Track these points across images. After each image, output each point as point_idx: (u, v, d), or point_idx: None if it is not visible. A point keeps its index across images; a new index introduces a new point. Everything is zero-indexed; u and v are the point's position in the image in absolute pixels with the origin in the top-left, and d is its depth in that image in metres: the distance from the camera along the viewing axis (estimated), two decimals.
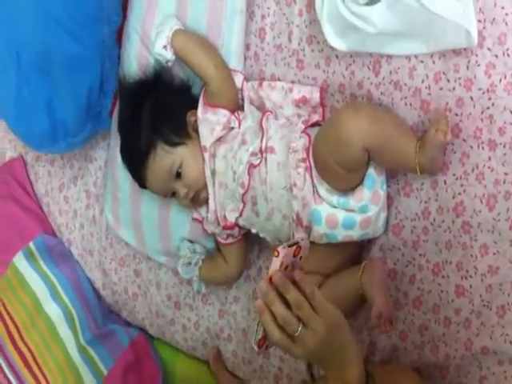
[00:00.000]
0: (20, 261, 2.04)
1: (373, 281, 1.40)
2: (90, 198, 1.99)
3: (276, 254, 1.14)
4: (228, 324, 1.80)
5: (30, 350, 1.96)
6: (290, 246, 1.16)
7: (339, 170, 1.36)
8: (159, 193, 1.59)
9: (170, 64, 1.56)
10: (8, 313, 2.01)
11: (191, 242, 1.71)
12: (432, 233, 1.39)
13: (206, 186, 1.54)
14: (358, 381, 1.17)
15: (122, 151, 1.62)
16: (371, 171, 1.39)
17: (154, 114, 1.53)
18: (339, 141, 1.32)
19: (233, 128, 1.53)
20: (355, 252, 1.51)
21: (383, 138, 1.32)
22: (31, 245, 2.06)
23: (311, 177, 1.42)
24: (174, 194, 1.58)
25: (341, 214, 1.41)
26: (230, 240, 1.62)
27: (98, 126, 1.79)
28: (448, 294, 1.39)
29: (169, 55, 1.54)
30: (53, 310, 1.98)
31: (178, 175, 1.53)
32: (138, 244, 1.84)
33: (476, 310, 1.35)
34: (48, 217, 2.13)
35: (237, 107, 1.56)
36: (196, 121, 1.54)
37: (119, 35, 1.73)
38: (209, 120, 1.52)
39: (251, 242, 1.67)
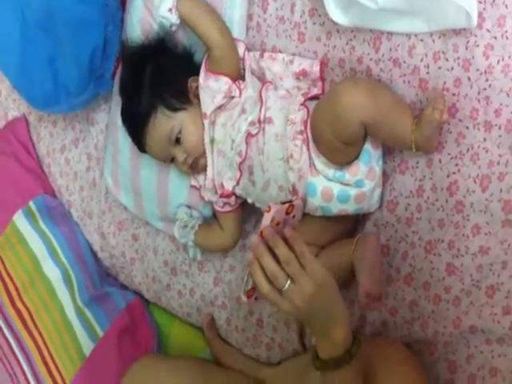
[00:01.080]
0: (20, 219, 2.07)
1: (364, 257, 1.43)
2: (91, 160, 2.01)
3: (267, 209, 1.19)
4: (222, 292, 1.83)
5: (28, 311, 1.99)
6: (282, 204, 1.20)
7: (336, 143, 1.38)
8: (158, 157, 1.62)
9: (173, 28, 1.58)
10: (7, 272, 2.04)
11: (189, 207, 1.73)
12: (425, 211, 1.42)
13: (204, 153, 1.56)
14: (344, 340, 1.21)
15: (122, 114, 1.65)
16: (368, 146, 1.41)
17: (155, 78, 1.55)
18: (337, 114, 1.34)
19: (233, 97, 1.55)
20: (350, 225, 1.54)
21: (380, 113, 1.34)
22: (31, 204, 2.09)
23: (308, 149, 1.44)
24: (172, 160, 1.60)
25: (336, 188, 1.43)
26: (227, 208, 1.65)
27: (100, 88, 1.82)
28: (439, 272, 1.42)
29: (174, 18, 1.55)
30: (51, 271, 2.01)
31: (178, 141, 1.55)
32: (136, 209, 1.87)
33: (466, 289, 1.38)
34: (48, 178, 2.15)
35: (238, 76, 1.57)
36: (197, 87, 1.55)
37: (123, 1, 1.74)
38: (210, 87, 1.54)
39: (248, 213, 1.70)
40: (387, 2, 1.30)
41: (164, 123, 1.54)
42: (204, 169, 1.59)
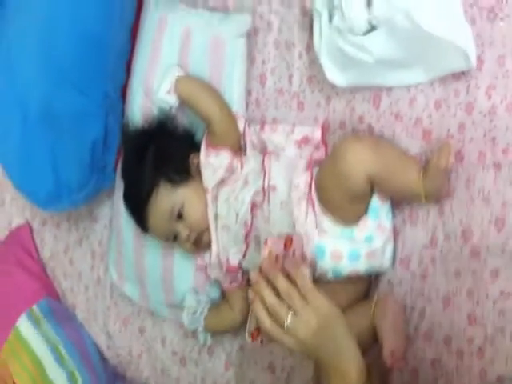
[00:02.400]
0: (23, 324, 1.95)
1: (385, 316, 1.35)
2: (95, 258, 1.93)
3: (265, 242, 1.14)
4: (235, 376, 1.71)
5: None
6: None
7: (343, 202, 1.32)
8: (161, 235, 1.54)
9: (173, 111, 1.54)
10: (13, 381, 1.91)
11: (196, 292, 1.63)
12: (440, 262, 1.33)
13: (208, 228, 1.49)
14: (357, 377, 1.11)
15: (125, 194, 1.59)
16: (375, 201, 1.35)
17: (157, 156, 1.49)
18: (342, 172, 1.29)
19: (235, 170, 1.48)
20: (363, 288, 1.45)
21: (386, 167, 1.29)
22: (35, 308, 1.98)
23: (314, 211, 1.37)
24: (175, 238, 1.52)
25: (345, 247, 1.36)
26: (234, 285, 1.57)
27: (102, 182, 1.76)
28: (460, 324, 1.31)
29: (172, 100, 1.52)
30: (57, 376, 1.87)
31: (180, 216, 1.48)
32: (141, 299, 1.78)
33: (489, 338, 1.27)
34: (53, 281, 2.06)
35: (239, 150, 1.52)
36: (199, 163, 1.49)
37: (123, 92, 1.70)
38: (211, 163, 1.49)
39: None
40: (383, 53, 1.28)
41: (166, 198, 1.47)
42: (207, 245, 1.52)
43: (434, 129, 1.30)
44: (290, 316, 1.09)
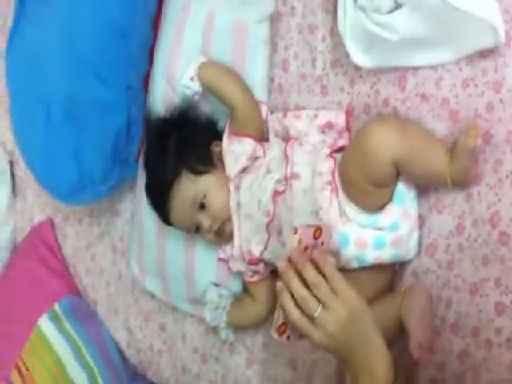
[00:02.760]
0: (45, 323, 1.96)
1: (413, 308, 1.30)
2: (116, 253, 1.92)
3: (294, 231, 1.09)
4: (256, 373, 1.67)
5: None
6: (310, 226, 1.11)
7: (367, 187, 1.28)
8: (183, 226, 1.51)
9: (196, 97, 1.53)
10: (33, 380, 1.92)
11: (217, 286, 1.60)
12: (467, 249, 1.28)
13: (230, 218, 1.47)
14: (386, 375, 1.06)
15: (146, 185, 1.56)
16: (400, 187, 1.30)
17: (179, 145, 1.47)
18: (367, 155, 1.25)
19: (258, 157, 1.46)
20: (388, 278, 1.40)
21: (412, 150, 1.24)
22: (56, 306, 1.98)
23: (337, 198, 1.34)
24: (198, 230, 1.49)
25: (370, 234, 1.32)
26: (257, 278, 1.53)
27: (125, 173, 1.74)
28: (488, 314, 1.26)
29: (196, 86, 1.50)
30: (78, 375, 1.87)
31: (202, 206, 1.46)
32: (163, 294, 1.76)
33: None
34: (74, 277, 2.06)
35: (262, 137, 1.50)
36: (221, 152, 1.48)
37: (146, 83, 1.69)
38: (234, 150, 1.47)
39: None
40: (408, 31, 1.24)
41: (188, 188, 1.45)
42: (230, 236, 1.49)
43: (462, 109, 1.26)
44: (319, 308, 1.06)
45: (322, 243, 1.15)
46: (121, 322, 1.94)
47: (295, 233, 1.11)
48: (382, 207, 1.32)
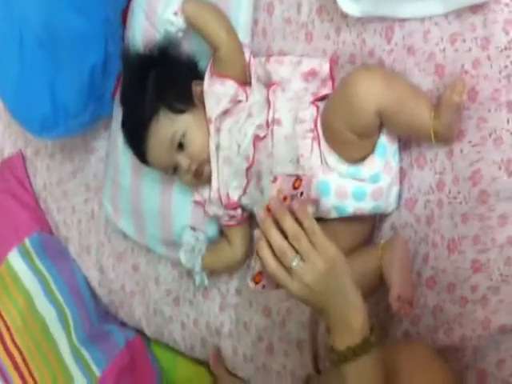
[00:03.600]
0: (14, 258, 2.00)
1: (394, 260, 1.35)
2: (90, 191, 1.96)
3: (273, 180, 1.12)
4: (229, 318, 1.74)
5: (20, 353, 1.92)
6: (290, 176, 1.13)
7: (350, 136, 1.32)
8: (160, 166, 1.54)
9: (180, 34, 1.53)
10: (0, 314, 1.96)
11: (194, 229, 1.65)
12: (447, 206, 1.34)
13: (209, 159, 1.49)
14: (362, 327, 1.11)
15: (123, 122, 1.58)
16: (383, 139, 1.35)
17: (158, 81, 1.49)
18: (351, 104, 1.28)
19: (240, 101, 1.49)
20: (367, 231, 1.46)
21: (397, 101, 1.28)
22: (27, 241, 2.02)
23: (319, 146, 1.38)
24: (175, 170, 1.52)
25: (351, 184, 1.36)
26: (233, 222, 1.58)
27: (100, 109, 1.76)
28: (464, 271, 1.32)
29: (180, 22, 1.50)
30: (46, 310, 1.94)
31: (181, 146, 1.48)
32: (137, 234, 1.80)
33: (494, 286, 1.29)
34: (46, 214, 2.09)
35: (245, 80, 1.52)
36: (202, 91, 1.50)
37: (124, 17, 1.70)
38: (215, 91, 1.49)
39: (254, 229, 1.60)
40: None
41: (167, 126, 1.47)
42: (208, 178, 1.52)
43: (448, 64, 1.30)
44: (296, 259, 1.09)
45: (302, 194, 1.17)
46: (93, 261, 1.99)
47: (274, 181, 1.13)
48: (363, 158, 1.37)
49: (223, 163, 1.49)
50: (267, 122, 1.43)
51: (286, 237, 1.10)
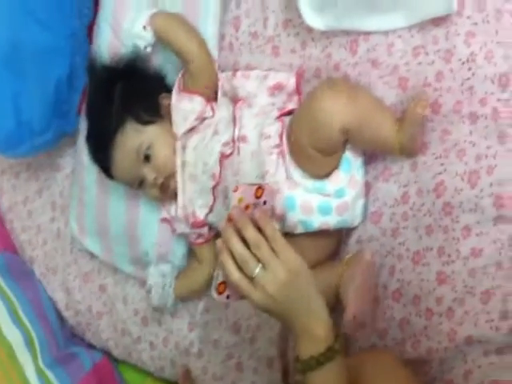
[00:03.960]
0: None
1: (354, 277, 1.39)
2: (56, 210, 1.97)
3: (235, 189, 1.14)
4: (198, 337, 1.76)
5: None
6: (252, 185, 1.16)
7: (315, 154, 1.36)
8: (126, 180, 1.56)
9: (148, 50, 1.56)
10: None
11: (156, 265, 1.69)
12: (412, 218, 1.38)
13: (175, 173, 1.52)
14: (325, 336, 1.13)
15: (88, 135, 1.61)
16: (348, 154, 1.39)
17: (125, 93, 1.52)
18: (316, 122, 1.33)
19: (206, 118, 1.53)
20: (333, 246, 1.50)
21: (362, 116, 1.33)
22: None
23: (284, 162, 1.41)
24: (141, 185, 1.55)
25: (316, 199, 1.40)
26: (201, 240, 1.60)
27: (65, 126, 1.79)
28: (429, 283, 1.37)
29: (149, 36, 1.53)
30: (12, 334, 1.91)
31: (147, 159, 1.51)
32: (103, 253, 1.82)
33: (459, 298, 1.33)
34: (11, 234, 2.10)
35: (213, 95, 1.55)
36: (169, 105, 1.53)
37: (90, 32, 1.74)
38: (182, 108, 1.52)
39: None
40: None
41: (133, 137, 1.50)
42: (175, 194, 1.55)
43: (411, 77, 1.35)
44: (258, 268, 1.10)
45: (265, 202, 1.19)
46: (59, 282, 2.00)
47: (235, 190, 1.16)
48: (328, 174, 1.41)
49: (189, 180, 1.53)
50: (233, 139, 1.46)
51: (248, 246, 1.13)
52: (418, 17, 1.31)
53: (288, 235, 1.39)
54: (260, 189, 1.17)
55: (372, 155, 1.42)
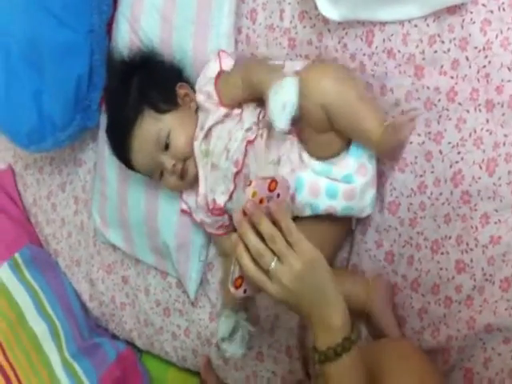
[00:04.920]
0: (5, 272, 1.99)
1: (381, 304, 1.41)
2: (78, 203, 1.97)
3: (249, 183, 1.13)
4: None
5: (12, 368, 1.90)
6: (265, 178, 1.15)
7: (310, 131, 1.36)
8: (145, 168, 1.55)
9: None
10: None
11: (228, 315, 1.58)
12: (429, 208, 1.36)
13: (194, 159, 1.51)
14: (342, 326, 1.11)
15: (108, 127, 1.60)
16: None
17: (142, 84, 1.51)
18: (303, 98, 1.31)
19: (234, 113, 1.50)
20: (342, 233, 1.48)
21: (342, 101, 1.32)
22: (17, 256, 2.02)
23: (298, 145, 1.41)
24: (161, 176, 1.54)
25: (323, 182, 1.39)
26: (222, 231, 1.58)
27: (87, 120, 1.78)
28: (448, 272, 1.34)
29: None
30: (37, 324, 1.93)
31: (166, 147, 1.49)
32: (125, 244, 1.82)
33: (478, 286, 1.31)
34: (35, 228, 2.11)
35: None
36: (186, 94, 1.52)
37: (109, 28, 1.72)
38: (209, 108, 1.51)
39: None
40: None
41: (151, 126, 1.49)
42: (194, 179, 1.53)
43: (427, 65, 1.32)
44: (274, 261, 1.08)
45: (278, 195, 1.18)
46: (83, 274, 2.00)
47: (249, 184, 1.14)
48: (334, 155, 1.40)
49: (211, 169, 1.51)
50: (257, 123, 1.45)
51: (263, 239, 1.11)
52: (433, 6, 1.28)
53: (297, 218, 1.38)
54: (273, 182, 1.15)
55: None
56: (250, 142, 1.44)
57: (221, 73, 1.49)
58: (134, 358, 1.96)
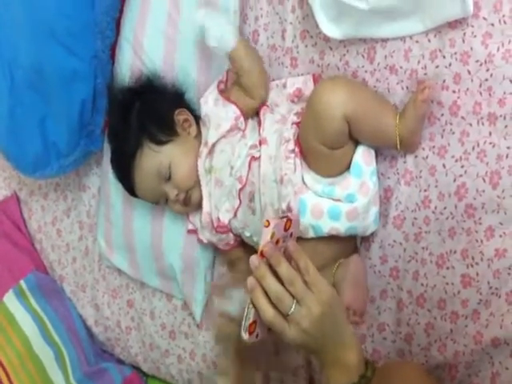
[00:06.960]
0: (10, 300, 1.99)
1: (347, 273, 1.36)
2: (83, 228, 1.95)
3: (266, 224, 1.09)
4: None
5: None
6: (280, 218, 1.12)
7: (322, 148, 1.33)
8: (149, 198, 1.55)
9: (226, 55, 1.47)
10: None
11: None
12: (434, 222, 1.34)
13: (198, 185, 1.50)
14: (358, 365, 1.09)
15: (111, 156, 1.59)
16: (358, 159, 1.36)
17: (141, 114, 1.50)
18: (318, 114, 1.30)
19: (238, 128, 1.49)
20: (347, 251, 1.44)
21: (361, 106, 1.30)
22: (22, 283, 2.01)
23: (300, 165, 1.39)
24: (166, 201, 1.53)
25: (326, 203, 1.36)
26: (228, 247, 1.57)
27: (91, 145, 1.77)
28: (454, 286, 1.32)
29: (224, 52, 1.45)
30: (43, 350, 1.91)
31: (169, 177, 1.49)
32: (131, 268, 1.80)
33: (484, 300, 1.28)
34: (40, 254, 2.09)
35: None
36: (185, 120, 1.51)
37: (113, 52, 1.72)
38: (216, 113, 1.49)
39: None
40: (378, 1, 1.27)
41: (151, 159, 1.48)
42: (198, 204, 1.52)
43: (429, 80, 1.31)
44: (294, 305, 1.05)
45: (291, 234, 1.16)
46: (88, 299, 1.98)
47: (267, 225, 1.10)
48: (338, 174, 1.38)
49: (215, 185, 1.49)
50: (260, 141, 1.43)
51: (280, 281, 1.08)
52: (434, 21, 1.27)
53: (300, 240, 1.35)
54: (289, 221, 1.13)
55: (392, 158, 1.38)
56: (254, 159, 1.42)
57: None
58: (140, 383, 1.92)
